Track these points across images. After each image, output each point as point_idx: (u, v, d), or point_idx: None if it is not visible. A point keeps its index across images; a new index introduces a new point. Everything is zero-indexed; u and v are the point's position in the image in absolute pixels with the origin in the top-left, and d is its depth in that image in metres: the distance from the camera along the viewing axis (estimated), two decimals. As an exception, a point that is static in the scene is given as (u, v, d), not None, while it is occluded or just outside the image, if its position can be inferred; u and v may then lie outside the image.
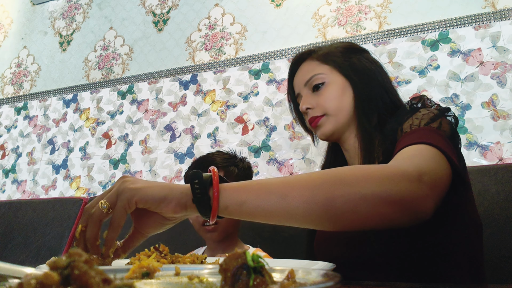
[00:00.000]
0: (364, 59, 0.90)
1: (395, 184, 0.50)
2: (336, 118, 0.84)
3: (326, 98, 0.85)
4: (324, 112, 0.85)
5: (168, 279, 0.35)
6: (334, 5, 1.74)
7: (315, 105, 0.86)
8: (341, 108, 0.84)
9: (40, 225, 1.63)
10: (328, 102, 0.84)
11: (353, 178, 0.51)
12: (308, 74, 0.89)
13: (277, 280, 0.28)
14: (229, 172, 1.06)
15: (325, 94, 0.85)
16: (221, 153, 1.15)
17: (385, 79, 0.88)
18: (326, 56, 0.89)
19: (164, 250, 0.61)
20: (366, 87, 0.85)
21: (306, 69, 0.91)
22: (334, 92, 0.85)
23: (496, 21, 1.45)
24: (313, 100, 0.87)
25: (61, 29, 2.39)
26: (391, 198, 0.49)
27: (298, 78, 0.92)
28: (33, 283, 0.18)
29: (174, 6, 2.09)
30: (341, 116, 0.84)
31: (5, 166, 2.21)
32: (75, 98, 2.18)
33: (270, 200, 0.52)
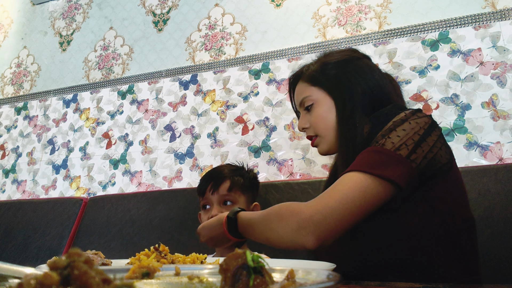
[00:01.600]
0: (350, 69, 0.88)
1: (290, 234, 0.70)
2: (327, 138, 0.89)
3: (316, 120, 0.90)
4: (315, 133, 0.91)
5: (168, 279, 0.35)
6: (334, 5, 1.74)
7: (310, 124, 0.92)
8: (328, 127, 0.88)
9: (40, 225, 1.63)
10: (317, 124, 0.90)
11: (275, 221, 0.74)
12: (300, 96, 0.94)
13: (277, 280, 0.28)
14: (235, 182, 1.15)
15: (314, 115, 0.91)
16: (228, 165, 1.25)
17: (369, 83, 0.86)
18: (312, 78, 0.93)
19: (164, 250, 0.61)
20: (346, 101, 0.86)
21: (298, 91, 0.96)
22: (321, 113, 0.89)
23: (496, 21, 1.45)
24: (307, 120, 0.93)
25: (61, 29, 2.39)
26: (284, 241, 0.72)
27: (295, 97, 0.99)
28: (33, 283, 0.18)
29: (174, 6, 2.09)
30: (330, 135, 0.88)
31: (5, 166, 2.21)
32: (75, 98, 2.18)
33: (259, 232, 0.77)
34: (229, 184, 1.15)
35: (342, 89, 0.87)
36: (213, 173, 1.20)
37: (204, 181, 1.19)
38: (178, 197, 1.50)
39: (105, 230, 1.52)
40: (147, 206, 1.52)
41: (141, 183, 1.84)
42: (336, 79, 0.89)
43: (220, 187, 1.15)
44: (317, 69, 0.93)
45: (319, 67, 0.93)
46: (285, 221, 0.70)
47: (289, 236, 0.69)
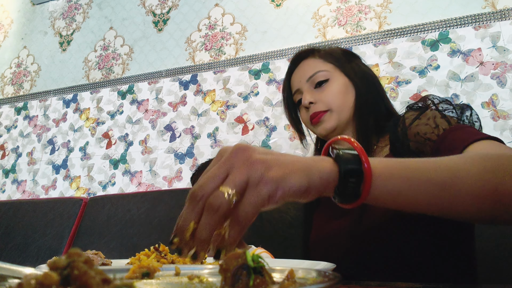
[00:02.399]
0: (362, 65, 0.93)
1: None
2: (339, 115, 0.85)
3: (331, 94, 0.85)
4: (328, 107, 0.85)
5: (168, 279, 0.35)
6: (334, 5, 1.74)
7: (318, 100, 0.86)
8: (344, 105, 0.85)
9: (40, 225, 1.63)
10: (332, 98, 0.85)
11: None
12: (312, 70, 0.89)
13: (277, 280, 0.28)
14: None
15: (329, 90, 0.86)
16: None
17: (381, 86, 0.91)
18: (329, 55, 0.91)
19: (164, 250, 0.61)
20: (366, 90, 0.87)
21: (309, 66, 0.91)
22: (338, 89, 0.86)
23: (496, 21, 1.45)
24: (316, 95, 0.87)
25: (61, 29, 2.39)
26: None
27: (299, 73, 0.92)
28: (33, 283, 0.18)
29: (174, 6, 2.09)
30: (344, 113, 0.85)
31: (5, 166, 2.21)
32: (75, 98, 2.18)
33: (430, 191, 0.45)
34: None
35: (361, 75, 0.88)
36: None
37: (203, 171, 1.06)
38: (178, 197, 1.50)
39: (105, 230, 1.52)
40: (147, 206, 1.52)
41: (141, 183, 1.84)
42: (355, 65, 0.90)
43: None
44: (336, 49, 0.93)
45: (337, 49, 0.93)
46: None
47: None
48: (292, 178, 0.40)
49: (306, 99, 0.87)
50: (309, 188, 0.41)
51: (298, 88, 0.92)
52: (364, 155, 0.44)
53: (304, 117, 0.92)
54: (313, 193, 0.42)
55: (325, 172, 0.43)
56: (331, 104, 0.85)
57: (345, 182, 0.43)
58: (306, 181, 0.41)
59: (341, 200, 0.45)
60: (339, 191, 0.44)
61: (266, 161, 0.40)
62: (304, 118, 0.92)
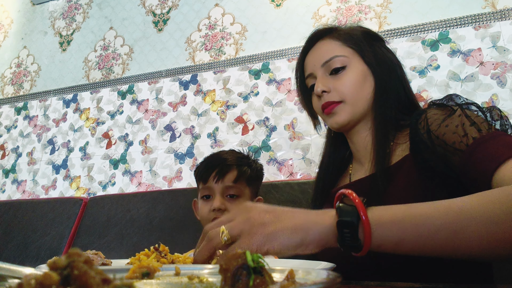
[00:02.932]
0: (384, 48, 0.85)
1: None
2: (354, 108, 0.78)
3: (346, 84, 0.78)
4: (342, 98, 0.78)
5: (168, 279, 0.35)
6: (334, 5, 1.74)
7: (332, 89, 0.79)
8: (360, 97, 0.78)
9: (40, 225, 1.63)
10: (347, 89, 0.78)
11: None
12: (328, 54, 0.81)
13: (277, 280, 0.28)
14: (242, 172, 1.04)
15: (345, 79, 0.78)
16: (234, 152, 1.12)
17: (403, 74, 0.84)
18: (349, 38, 0.82)
19: (164, 250, 0.61)
20: (387, 79, 0.80)
21: (325, 48, 0.83)
22: (355, 78, 0.78)
23: (496, 21, 1.45)
24: (330, 83, 0.79)
25: (61, 29, 2.39)
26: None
27: (314, 56, 0.84)
28: (33, 283, 0.18)
29: (174, 6, 2.09)
30: (359, 105, 0.78)
31: (5, 166, 2.21)
32: (75, 98, 2.18)
33: (434, 239, 0.45)
34: (235, 174, 1.02)
35: (383, 62, 0.81)
36: (217, 159, 1.06)
37: (208, 166, 1.05)
38: (178, 197, 1.50)
39: (105, 230, 1.52)
40: (147, 206, 1.52)
41: (141, 183, 1.84)
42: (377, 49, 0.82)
43: (226, 176, 1.02)
44: (356, 29, 0.84)
45: (358, 31, 0.84)
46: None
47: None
48: (282, 236, 0.45)
49: (319, 88, 0.79)
50: (303, 243, 0.46)
51: (311, 73, 0.84)
52: (362, 207, 0.46)
53: (316, 104, 0.84)
54: (312, 247, 0.47)
55: (325, 226, 0.47)
56: (345, 95, 0.78)
57: (342, 234, 0.46)
58: (299, 238, 0.46)
59: (346, 251, 0.47)
60: (339, 243, 0.47)
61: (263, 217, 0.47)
62: (316, 106, 0.84)
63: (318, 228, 0.46)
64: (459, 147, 0.62)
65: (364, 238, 0.46)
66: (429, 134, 0.67)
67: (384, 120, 0.77)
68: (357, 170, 0.86)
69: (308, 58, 0.86)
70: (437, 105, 0.72)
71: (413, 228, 0.45)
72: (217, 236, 0.48)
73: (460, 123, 0.64)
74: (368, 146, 0.80)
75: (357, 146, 0.84)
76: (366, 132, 0.81)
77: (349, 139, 0.86)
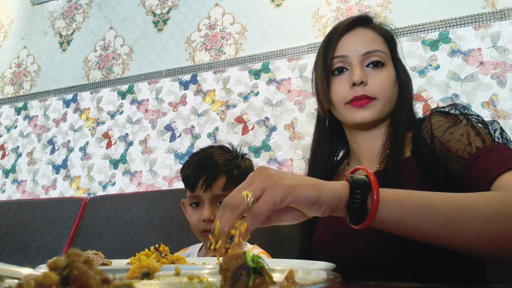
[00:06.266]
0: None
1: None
2: (383, 108, 0.77)
3: (384, 82, 0.76)
4: (376, 95, 0.76)
5: (168, 279, 0.35)
6: (334, 5, 1.74)
7: (370, 83, 0.76)
8: (390, 99, 0.78)
9: (40, 225, 1.63)
10: (384, 87, 0.76)
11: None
12: (373, 45, 0.78)
13: (277, 280, 0.28)
14: (231, 177, 0.98)
15: (383, 77, 0.77)
16: (222, 151, 1.05)
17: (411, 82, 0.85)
18: (389, 38, 0.82)
19: (164, 250, 0.61)
20: (407, 87, 0.81)
21: (370, 38, 0.79)
22: (391, 79, 0.78)
23: (496, 21, 1.45)
24: (367, 76, 0.76)
25: (61, 29, 2.39)
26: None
27: (355, 40, 0.79)
28: (33, 284, 0.18)
29: (174, 6, 2.09)
30: (387, 107, 0.77)
31: (5, 166, 2.21)
32: (75, 98, 2.18)
33: (432, 223, 0.48)
34: (224, 181, 0.97)
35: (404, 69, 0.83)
36: (205, 163, 0.99)
37: (195, 171, 0.98)
38: (178, 197, 1.50)
39: (105, 230, 1.52)
40: (147, 206, 1.52)
41: (141, 183, 1.84)
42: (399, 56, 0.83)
43: (214, 184, 0.96)
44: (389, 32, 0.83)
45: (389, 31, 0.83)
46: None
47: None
48: (303, 188, 0.48)
49: (359, 77, 0.74)
50: (319, 200, 0.48)
51: (346, 55, 0.78)
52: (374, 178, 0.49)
53: (342, 92, 0.77)
54: (324, 206, 0.49)
55: (337, 189, 0.49)
56: (381, 93, 0.76)
57: (353, 196, 0.49)
58: (316, 194, 0.48)
59: (351, 219, 0.50)
60: (348, 207, 0.49)
61: (282, 174, 0.49)
62: (341, 93, 0.78)
63: (331, 190, 0.49)
64: (462, 155, 0.64)
65: (371, 207, 0.48)
66: (432, 139, 0.69)
67: (401, 126, 0.77)
68: None
69: (344, 41, 0.79)
70: (442, 113, 0.73)
71: (415, 210, 0.49)
72: (242, 201, 0.46)
73: (466, 132, 0.66)
74: (375, 148, 0.81)
75: (361, 146, 0.83)
76: (378, 134, 0.81)
77: (355, 137, 0.83)
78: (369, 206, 0.49)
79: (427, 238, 0.50)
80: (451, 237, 0.49)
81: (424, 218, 0.49)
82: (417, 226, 0.49)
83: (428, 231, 0.49)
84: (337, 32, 0.81)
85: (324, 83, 0.80)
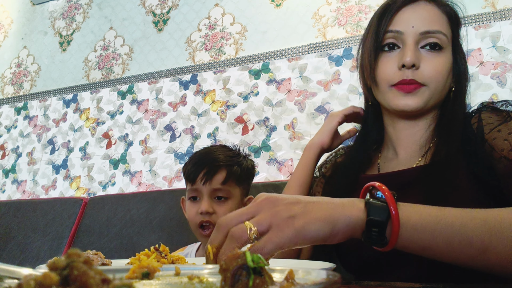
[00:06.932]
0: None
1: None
2: (432, 97, 0.69)
3: (438, 69, 0.68)
4: (426, 82, 0.68)
5: (168, 279, 0.35)
6: (334, 5, 1.74)
7: (422, 67, 0.68)
8: (441, 88, 0.69)
9: (40, 225, 1.63)
10: (436, 74, 0.68)
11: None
12: (433, 25, 0.69)
13: (276, 280, 0.28)
14: (231, 173, 0.99)
15: (438, 63, 0.68)
16: (224, 149, 1.06)
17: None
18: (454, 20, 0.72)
19: (164, 250, 0.61)
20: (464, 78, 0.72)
21: (432, 15, 0.69)
22: (446, 66, 0.69)
23: (496, 21, 1.45)
24: (420, 59, 0.68)
25: (61, 29, 2.39)
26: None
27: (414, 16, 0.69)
28: (32, 284, 0.18)
29: (174, 6, 2.09)
30: (435, 96, 0.69)
31: (5, 166, 2.21)
32: (75, 98, 2.18)
33: (465, 251, 0.43)
34: (224, 175, 0.98)
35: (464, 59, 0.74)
36: (206, 158, 1.01)
37: (196, 166, 0.99)
38: (178, 197, 1.50)
39: (105, 230, 1.52)
40: (147, 206, 1.52)
41: (141, 183, 1.84)
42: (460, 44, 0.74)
43: (214, 177, 0.97)
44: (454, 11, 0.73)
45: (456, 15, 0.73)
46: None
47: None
48: (313, 227, 0.43)
49: (411, 59, 0.66)
50: (331, 235, 0.44)
51: (401, 31, 0.69)
52: (393, 204, 0.44)
53: (387, 71, 0.70)
54: (339, 238, 0.45)
55: (353, 219, 0.45)
56: (432, 80, 0.68)
57: (369, 231, 0.44)
58: (329, 230, 0.44)
59: (369, 245, 0.46)
60: (364, 238, 0.45)
61: (291, 210, 0.44)
62: (389, 74, 0.70)
63: (346, 220, 0.44)
64: (507, 155, 0.59)
65: (391, 237, 0.44)
66: (481, 137, 0.64)
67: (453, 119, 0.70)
68: (388, 160, 0.78)
69: (404, 13, 0.70)
70: (492, 109, 0.68)
71: (445, 237, 0.44)
72: (244, 233, 0.42)
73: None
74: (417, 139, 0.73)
75: (401, 134, 0.75)
76: (423, 125, 0.73)
77: (395, 122, 0.76)
78: (388, 235, 0.44)
79: (459, 264, 0.45)
80: (486, 264, 0.44)
81: (455, 245, 0.43)
82: (447, 254, 0.44)
83: (460, 259, 0.44)
84: (396, 2, 0.71)
85: (371, 57, 0.72)
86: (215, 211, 0.98)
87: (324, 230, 0.43)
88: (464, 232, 0.43)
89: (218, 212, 0.98)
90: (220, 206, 0.99)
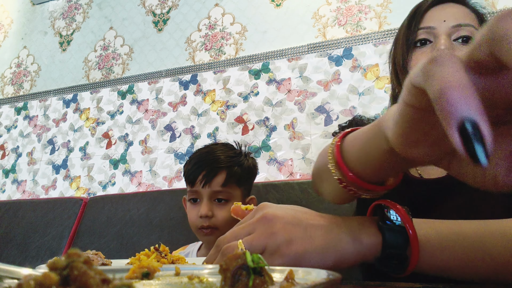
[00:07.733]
0: None
1: None
2: None
3: None
4: None
5: (168, 279, 0.35)
6: (334, 5, 1.74)
7: None
8: None
9: (40, 225, 1.63)
10: None
11: None
12: (465, 19, 0.70)
13: (276, 280, 0.28)
14: (231, 174, 0.97)
15: None
16: (225, 148, 1.03)
17: None
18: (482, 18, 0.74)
19: (164, 250, 0.61)
20: None
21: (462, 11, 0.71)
22: None
23: (496, 21, 1.45)
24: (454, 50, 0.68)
25: (61, 29, 2.39)
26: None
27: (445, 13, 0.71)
28: (32, 284, 0.18)
29: (174, 6, 2.09)
30: None
31: (5, 166, 2.21)
32: (75, 98, 2.18)
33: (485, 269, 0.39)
34: (224, 177, 0.95)
35: None
36: (206, 159, 0.98)
37: (195, 167, 0.97)
38: (178, 197, 1.50)
39: (105, 230, 1.52)
40: (147, 206, 1.52)
41: (141, 183, 1.84)
42: None
43: (214, 180, 0.95)
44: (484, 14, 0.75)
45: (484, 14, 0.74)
46: None
47: None
48: (315, 257, 0.39)
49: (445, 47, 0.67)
50: (336, 264, 0.39)
51: (433, 26, 0.70)
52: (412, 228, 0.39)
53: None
54: (345, 266, 0.40)
55: (363, 245, 0.40)
56: None
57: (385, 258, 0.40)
58: (333, 259, 0.39)
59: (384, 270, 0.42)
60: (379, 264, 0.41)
61: (289, 232, 0.40)
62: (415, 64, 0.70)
63: (355, 247, 0.40)
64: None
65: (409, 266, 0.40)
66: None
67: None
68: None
69: (435, 11, 0.73)
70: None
71: (464, 256, 0.40)
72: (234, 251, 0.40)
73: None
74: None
75: None
76: None
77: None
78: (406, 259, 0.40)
79: (479, 281, 0.41)
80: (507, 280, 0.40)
81: (474, 264, 0.40)
82: (466, 273, 0.41)
83: (480, 277, 0.40)
84: (427, 2, 0.74)
85: (404, 52, 0.72)
86: (214, 215, 0.96)
87: (327, 260, 0.39)
88: (484, 249, 0.40)
89: (218, 215, 0.96)
90: (220, 209, 0.97)
